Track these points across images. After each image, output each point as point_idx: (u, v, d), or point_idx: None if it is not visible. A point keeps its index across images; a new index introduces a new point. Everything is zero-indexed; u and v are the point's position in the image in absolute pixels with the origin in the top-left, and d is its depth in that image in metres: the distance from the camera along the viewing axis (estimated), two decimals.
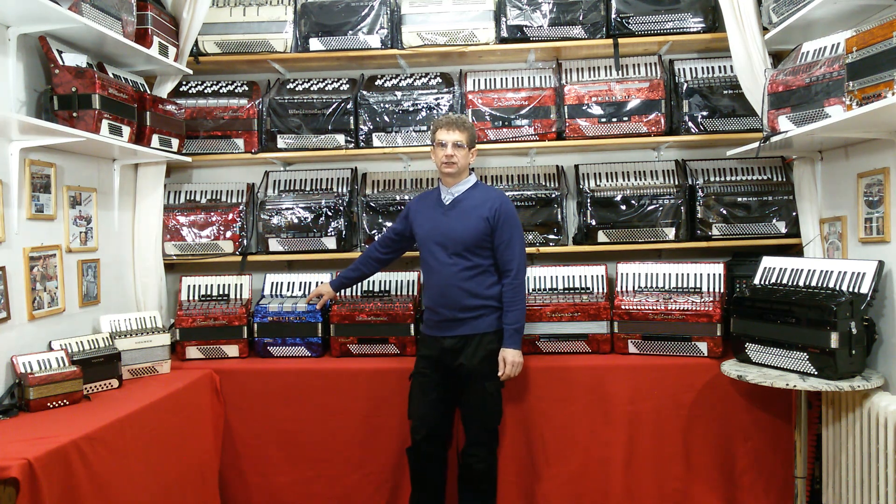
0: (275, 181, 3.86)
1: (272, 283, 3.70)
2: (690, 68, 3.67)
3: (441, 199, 2.94)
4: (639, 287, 3.42)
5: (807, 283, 2.83)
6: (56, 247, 2.92)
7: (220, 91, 3.83)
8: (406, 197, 3.64)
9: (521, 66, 3.88)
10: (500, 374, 2.81)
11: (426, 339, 2.95)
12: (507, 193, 3.55)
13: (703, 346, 3.15)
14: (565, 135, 3.56)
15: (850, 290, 2.64)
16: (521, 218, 3.52)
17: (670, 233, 3.49)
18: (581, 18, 3.56)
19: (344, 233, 3.62)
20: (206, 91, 3.82)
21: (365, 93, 3.65)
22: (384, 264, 3.22)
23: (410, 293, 3.55)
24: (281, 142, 3.66)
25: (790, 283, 2.90)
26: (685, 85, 3.53)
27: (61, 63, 2.80)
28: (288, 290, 3.69)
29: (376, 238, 3.59)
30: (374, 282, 3.53)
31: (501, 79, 3.76)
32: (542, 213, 3.58)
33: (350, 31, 3.64)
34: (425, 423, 2.88)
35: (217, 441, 3.19)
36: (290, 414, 3.21)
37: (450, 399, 2.92)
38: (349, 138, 3.64)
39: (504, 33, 3.60)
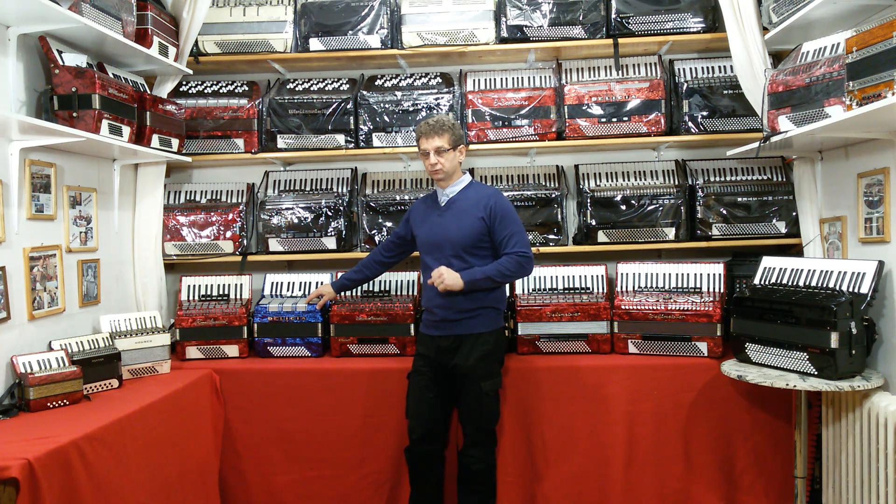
0: (275, 181, 3.86)
1: (272, 283, 3.70)
2: (690, 68, 3.67)
3: (438, 200, 2.94)
4: (639, 287, 3.42)
5: (807, 283, 2.83)
6: (56, 247, 2.92)
7: (220, 91, 3.83)
8: (406, 197, 3.64)
9: (521, 66, 3.88)
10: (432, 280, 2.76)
11: (423, 338, 2.95)
12: (507, 193, 3.56)
13: (703, 346, 3.15)
14: (565, 135, 3.56)
15: (850, 290, 2.64)
16: (521, 218, 3.53)
17: (670, 233, 3.49)
18: (581, 18, 3.56)
19: (344, 233, 3.62)
20: (206, 91, 3.83)
21: (365, 93, 3.65)
22: (387, 267, 3.22)
23: (410, 293, 3.55)
24: (281, 142, 3.66)
25: (790, 284, 2.90)
26: (685, 85, 3.53)
27: (61, 63, 2.79)
28: (288, 290, 3.69)
29: (376, 238, 3.60)
30: (374, 282, 3.53)
31: (501, 79, 3.76)
32: (542, 213, 3.58)
33: (350, 31, 3.64)
34: (421, 422, 2.88)
35: (217, 441, 3.19)
36: (290, 414, 3.21)
37: (447, 398, 2.91)
38: (349, 138, 3.64)
39: (504, 33, 3.60)
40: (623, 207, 3.51)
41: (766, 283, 3.00)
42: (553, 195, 3.60)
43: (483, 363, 2.81)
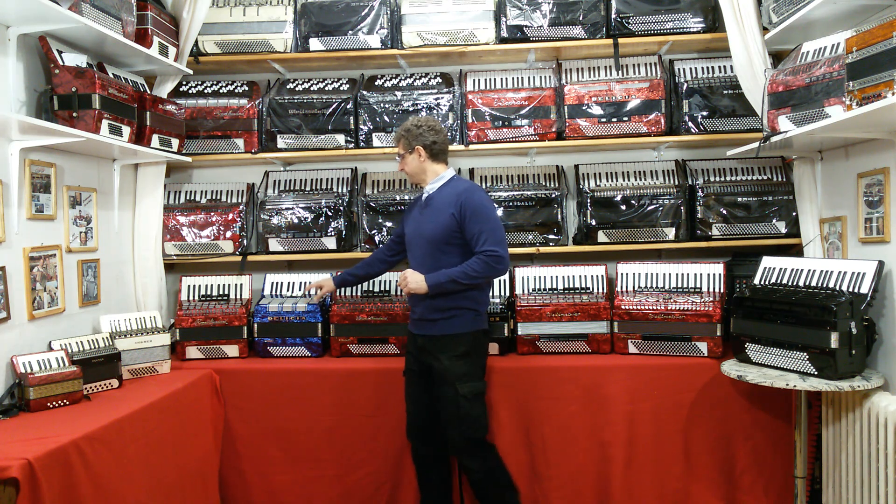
0: (275, 181, 3.87)
1: (272, 283, 3.70)
2: (690, 68, 3.67)
3: (421, 198, 2.95)
4: (639, 287, 3.42)
5: (807, 283, 2.83)
6: (56, 247, 2.92)
7: (220, 91, 3.83)
8: (406, 197, 3.65)
9: (521, 66, 3.88)
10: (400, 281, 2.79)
11: (408, 335, 2.95)
12: (506, 193, 3.57)
13: (703, 346, 3.15)
14: (565, 135, 3.56)
15: (850, 290, 2.64)
16: (521, 218, 3.54)
17: (670, 233, 3.49)
18: (581, 18, 3.56)
19: (344, 233, 3.62)
20: (206, 91, 3.83)
21: (365, 93, 3.65)
22: (390, 266, 3.22)
23: None
24: (281, 142, 3.66)
25: (790, 283, 2.90)
26: (685, 85, 3.53)
27: (61, 63, 2.79)
28: (288, 290, 3.69)
29: (376, 238, 3.61)
30: (373, 281, 3.53)
31: (501, 79, 3.76)
32: (542, 213, 3.58)
33: (350, 31, 3.64)
34: (412, 419, 2.89)
35: (217, 441, 3.19)
36: (290, 414, 3.21)
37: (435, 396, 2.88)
38: (349, 138, 3.64)
39: (504, 33, 3.60)
40: (623, 207, 3.51)
41: (766, 283, 3.00)
42: (553, 195, 3.60)
43: (459, 365, 2.73)
